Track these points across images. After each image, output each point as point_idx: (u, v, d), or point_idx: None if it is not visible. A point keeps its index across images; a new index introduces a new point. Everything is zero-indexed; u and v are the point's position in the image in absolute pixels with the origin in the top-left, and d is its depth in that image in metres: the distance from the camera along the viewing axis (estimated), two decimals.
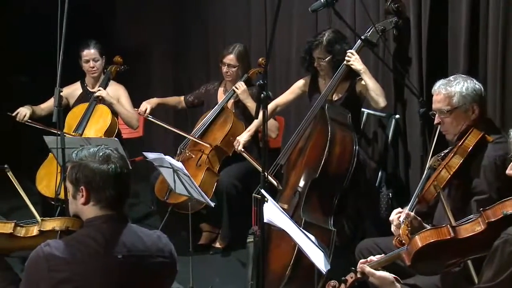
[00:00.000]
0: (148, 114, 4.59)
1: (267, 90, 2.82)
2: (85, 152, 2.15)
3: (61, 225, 2.19)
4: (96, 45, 4.71)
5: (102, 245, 2.08)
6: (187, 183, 3.59)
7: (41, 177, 4.49)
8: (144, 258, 2.16)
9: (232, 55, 4.53)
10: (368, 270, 2.37)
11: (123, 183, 2.18)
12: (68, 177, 2.17)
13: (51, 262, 2.02)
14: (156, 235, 2.25)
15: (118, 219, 2.17)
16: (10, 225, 2.20)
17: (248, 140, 4.17)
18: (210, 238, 4.59)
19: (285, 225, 2.66)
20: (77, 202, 2.15)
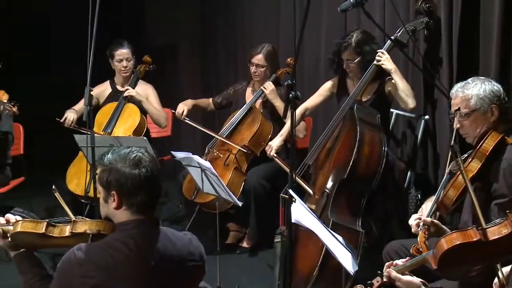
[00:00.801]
0: (185, 116, 4.60)
1: (295, 90, 2.81)
2: (115, 155, 2.12)
3: (93, 228, 2.16)
4: (129, 45, 4.76)
5: (134, 251, 2.07)
6: (215, 183, 3.59)
7: (71, 176, 4.54)
8: (175, 263, 2.15)
9: (261, 55, 4.53)
10: (394, 275, 2.35)
11: (155, 186, 2.15)
12: (98, 180, 2.14)
13: (84, 268, 2.03)
14: (187, 237, 2.23)
15: (150, 223, 2.15)
16: (42, 225, 2.19)
17: (281, 145, 4.13)
18: (237, 237, 4.60)
19: (313, 226, 2.65)
20: (108, 206, 2.13)
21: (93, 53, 3.40)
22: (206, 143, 4.69)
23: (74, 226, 2.18)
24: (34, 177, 4.92)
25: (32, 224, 2.20)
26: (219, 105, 4.86)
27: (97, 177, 2.15)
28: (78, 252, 2.05)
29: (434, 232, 2.62)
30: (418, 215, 2.79)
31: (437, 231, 2.63)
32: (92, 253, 2.05)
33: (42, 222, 2.20)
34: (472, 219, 2.71)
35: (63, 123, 4.51)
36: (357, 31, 3.91)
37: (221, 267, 3.63)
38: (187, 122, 4.59)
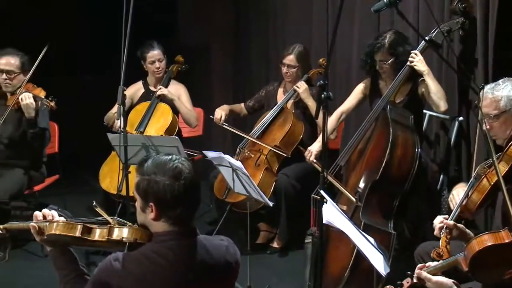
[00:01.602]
0: (224, 121, 4.61)
1: (327, 90, 2.80)
2: (155, 163, 2.07)
3: (130, 237, 2.11)
4: (159, 45, 4.80)
5: (171, 264, 2.04)
6: (246, 183, 3.60)
7: (104, 174, 4.60)
8: (212, 274, 2.12)
9: (292, 55, 4.53)
10: (424, 276, 2.32)
11: (194, 198, 2.11)
12: (136, 188, 2.09)
13: (121, 280, 2.01)
14: (224, 246, 2.18)
15: (188, 234, 2.10)
16: (78, 228, 2.17)
17: (321, 150, 4.06)
18: (268, 237, 4.60)
19: (344, 227, 2.64)
20: (146, 216, 2.09)
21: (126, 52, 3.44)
22: (237, 143, 4.70)
23: (110, 232, 2.15)
24: (68, 175, 4.99)
25: (68, 227, 2.19)
26: (251, 109, 4.86)
27: (135, 184, 2.10)
28: (115, 263, 2.02)
29: (457, 236, 2.58)
30: (442, 217, 2.75)
31: (460, 235, 2.60)
32: (130, 265, 2.02)
33: (77, 224, 2.18)
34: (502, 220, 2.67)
35: (111, 126, 4.56)
36: (390, 31, 3.87)
37: (251, 267, 3.63)
38: (225, 127, 4.60)
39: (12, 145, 4.49)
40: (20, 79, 4.40)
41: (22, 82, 4.37)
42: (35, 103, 4.20)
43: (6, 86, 4.42)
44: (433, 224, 2.75)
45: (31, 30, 6.08)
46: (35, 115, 4.28)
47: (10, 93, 4.42)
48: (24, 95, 4.17)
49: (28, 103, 4.15)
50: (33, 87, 4.39)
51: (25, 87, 4.35)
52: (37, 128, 4.31)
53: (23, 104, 4.17)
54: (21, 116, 4.39)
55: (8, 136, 4.47)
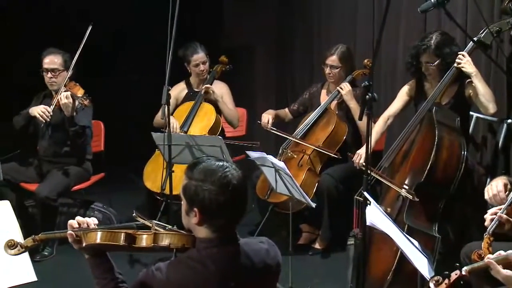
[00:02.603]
0: (271, 126, 4.61)
1: (372, 91, 2.78)
2: (204, 170, 2.05)
3: (177, 243, 2.10)
4: (202, 48, 4.84)
5: (213, 273, 2.04)
6: (289, 183, 3.60)
7: (148, 173, 4.65)
8: (253, 279, 2.12)
9: (335, 56, 4.50)
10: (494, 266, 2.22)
11: (240, 209, 2.10)
12: (183, 191, 2.08)
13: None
14: (264, 250, 2.16)
15: (229, 240, 2.10)
16: (122, 237, 2.13)
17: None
18: (310, 238, 4.59)
19: (388, 229, 2.61)
20: (189, 219, 2.08)
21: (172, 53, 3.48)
22: (279, 143, 4.70)
23: (156, 239, 2.12)
24: (113, 173, 5.06)
25: (108, 236, 2.15)
26: (296, 112, 4.84)
27: (182, 186, 2.09)
28: (157, 273, 2.03)
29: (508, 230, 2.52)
30: (496, 209, 2.69)
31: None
32: (172, 275, 2.02)
33: (119, 233, 2.14)
34: None
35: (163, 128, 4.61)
36: (436, 32, 3.81)
37: (293, 267, 3.63)
38: (273, 131, 4.60)
39: (58, 143, 4.59)
40: (64, 76, 4.50)
41: (65, 80, 4.47)
42: (73, 102, 4.27)
43: (51, 84, 4.52)
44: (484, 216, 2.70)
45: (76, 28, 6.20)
46: (75, 113, 4.35)
47: (55, 91, 4.52)
48: (62, 94, 4.25)
49: (66, 102, 4.23)
50: (74, 85, 4.49)
51: (66, 85, 4.44)
52: (77, 126, 4.39)
53: (62, 103, 4.25)
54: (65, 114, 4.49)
55: (53, 135, 4.57)
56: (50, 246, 4.44)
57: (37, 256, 4.28)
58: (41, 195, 4.31)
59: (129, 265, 4.06)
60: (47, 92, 4.63)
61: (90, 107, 4.41)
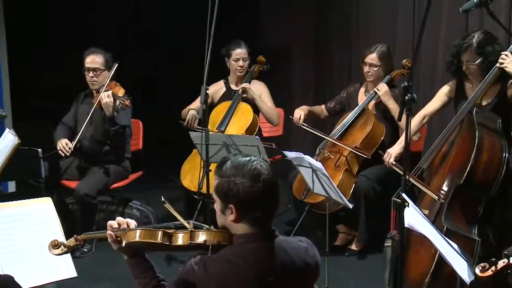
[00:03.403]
0: (303, 121, 4.62)
1: (411, 92, 2.75)
2: (234, 165, 2.08)
3: (213, 240, 2.12)
4: (245, 45, 4.86)
5: (252, 267, 2.05)
6: (326, 184, 3.58)
7: (186, 172, 4.69)
8: (291, 276, 2.12)
9: (374, 54, 4.47)
10: None
11: (274, 200, 2.12)
12: (216, 190, 2.10)
13: (202, 283, 2.02)
14: (303, 247, 2.18)
15: (267, 235, 2.11)
16: (159, 234, 2.16)
17: (400, 152, 3.97)
18: (346, 239, 4.57)
19: (426, 231, 2.58)
20: (225, 218, 2.10)
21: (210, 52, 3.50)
22: (317, 143, 4.68)
23: (193, 237, 2.15)
24: (151, 172, 5.12)
25: (147, 234, 2.17)
26: (332, 111, 4.83)
27: (214, 186, 2.11)
28: (196, 267, 2.04)
29: None
30: None
31: None
32: (211, 269, 2.03)
33: (157, 231, 2.17)
34: None
35: (187, 125, 4.66)
36: (478, 31, 3.74)
37: (329, 268, 3.61)
38: (304, 127, 4.59)
39: (98, 142, 4.66)
40: (105, 75, 4.58)
41: (106, 79, 4.54)
42: (114, 102, 4.32)
43: (93, 84, 4.60)
44: None
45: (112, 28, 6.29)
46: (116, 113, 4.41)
47: (96, 90, 4.59)
48: (104, 94, 4.31)
49: (107, 101, 4.29)
50: (115, 85, 4.55)
51: (108, 85, 4.51)
52: (118, 126, 4.45)
53: (103, 103, 4.31)
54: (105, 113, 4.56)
55: (94, 133, 4.65)
56: (89, 243, 4.51)
57: (77, 252, 4.35)
58: (81, 193, 4.39)
59: (165, 263, 4.10)
60: (88, 91, 4.71)
61: (130, 106, 4.47)
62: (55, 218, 2.70)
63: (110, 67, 4.59)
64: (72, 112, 4.77)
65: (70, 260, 2.64)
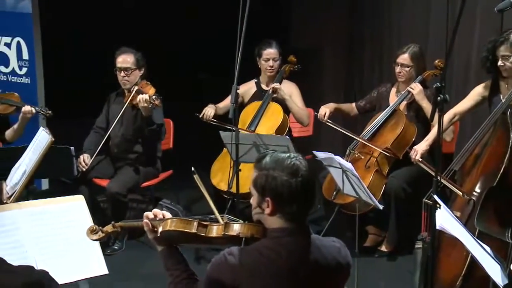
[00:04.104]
0: (327, 118, 4.61)
1: (444, 93, 2.72)
2: (273, 160, 2.10)
3: (246, 232, 2.14)
4: (277, 45, 4.86)
5: (285, 261, 2.06)
6: (356, 184, 3.57)
7: (215, 171, 4.71)
8: (324, 275, 2.13)
9: (406, 54, 4.43)
10: None
11: (310, 196, 2.14)
12: (253, 184, 2.13)
13: (236, 274, 2.04)
14: (336, 247, 2.19)
15: (301, 232, 2.13)
16: (193, 225, 2.19)
17: (427, 149, 3.98)
18: (376, 241, 4.54)
19: (458, 233, 2.55)
20: (261, 211, 2.12)
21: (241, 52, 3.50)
22: (347, 144, 4.66)
23: (227, 228, 2.17)
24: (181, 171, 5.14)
25: (182, 224, 2.21)
26: (362, 109, 4.80)
27: (252, 179, 2.14)
28: (230, 257, 2.06)
29: None
30: None
31: None
32: (245, 260, 2.05)
33: (193, 221, 2.20)
34: None
35: (202, 118, 4.68)
36: None
37: (359, 270, 3.59)
38: (329, 124, 4.58)
39: (129, 141, 4.71)
40: (136, 74, 4.62)
41: (138, 79, 4.58)
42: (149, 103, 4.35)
43: (124, 83, 4.64)
44: None
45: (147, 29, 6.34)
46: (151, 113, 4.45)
47: (128, 90, 4.63)
48: (140, 97, 4.33)
49: (145, 105, 4.32)
50: (146, 84, 4.58)
51: (138, 84, 4.55)
52: (155, 125, 4.48)
53: (141, 106, 4.34)
54: (136, 112, 4.60)
55: (125, 132, 4.69)
56: (120, 241, 4.56)
57: (108, 250, 4.40)
58: (112, 191, 4.43)
59: (195, 263, 4.12)
60: (120, 91, 4.76)
61: (160, 106, 4.49)
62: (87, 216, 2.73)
63: (141, 66, 4.62)
64: (103, 113, 4.82)
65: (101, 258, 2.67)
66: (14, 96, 4.62)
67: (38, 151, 3.44)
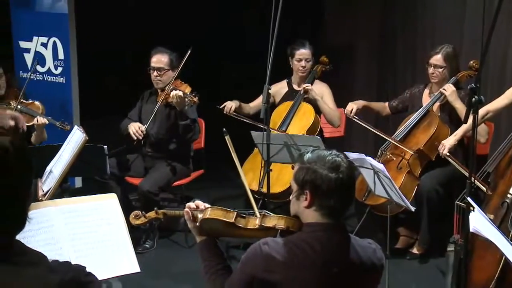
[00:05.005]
0: (354, 114, 4.59)
1: (479, 94, 2.69)
2: (315, 155, 2.14)
3: (282, 224, 2.18)
4: (310, 46, 4.85)
5: (319, 255, 2.08)
6: (387, 185, 3.54)
7: (246, 171, 4.70)
8: (357, 273, 2.14)
9: (439, 55, 4.38)
10: None
11: (348, 193, 2.16)
12: (294, 177, 2.17)
13: (268, 263, 2.06)
14: (372, 248, 2.20)
15: (337, 229, 2.15)
16: (232, 214, 2.26)
17: (454, 144, 3.99)
18: (408, 243, 4.50)
19: (492, 236, 2.51)
20: (299, 204, 2.15)
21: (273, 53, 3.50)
22: (378, 145, 4.63)
23: (263, 220, 2.22)
24: (213, 170, 5.17)
25: (222, 212, 2.28)
26: (395, 109, 4.76)
27: (294, 173, 2.18)
28: (264, 247, 2.09)
29: None
30: None
31: None
32: (278, 250, 2.07)
33: (232, 211, 2.27)
34: None
35: (222, 109, 4.68)
36: None
37: (390, 272, 3.57)
38: (355, 120, 4.56)
39: (162, 140, 4.74)
40: (169, 75, 4.64)
41: (171, 79, 4.61)
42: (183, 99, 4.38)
43: (157, 83, 4.68)
44: None
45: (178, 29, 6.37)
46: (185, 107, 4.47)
47: (160, 89, 4.67)
48: (173, 94, 4.37)
49: (177, 100, 4.35)
50: (181, 83, 4.60)
51: (173, 83, 4.58)
52: (188, 120, 4.51)
53: (175, 101, 4.37)
54: (170, 111, 4.63)
55: (158, 131, 4.73)
56: (151, 239, 4.60)
57: (139, 248, 4.44)
58: (144, 189, 4.47)
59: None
60: (153, 90, 4.79)
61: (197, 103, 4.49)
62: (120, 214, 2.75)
63: (175, 67, 4.65)
64: (137, 108, 4.86)
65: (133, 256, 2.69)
66: (35, 106, 4.59)
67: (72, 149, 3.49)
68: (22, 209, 1.54)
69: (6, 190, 1.48)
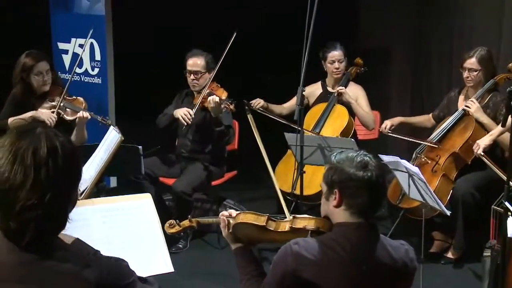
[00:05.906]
0: (388, 130, 4.56)
1: None
2: (343, 155, 2.16)
3: (312, 225, 2.21)
4: (341, 47, 4.83)
5: (348, 253, 2.08)
6: (422, 189, 3.51)
7: (279, 173, 4.71)
8: (388, 272, 2.13)
9: (473, 58, 4.33)
10: None
11: (378, 192, 2.16)
12: (323, 178, 2.19)
13: (299, 261, 2.07)
14: (404, 248, 2.19)
15: (368, 228, 2.15)
16: (263, 218, 2.29)
17: (490, 144, 3.92)
18: (442, 247, 4.45)
19: None
20: (329, 204, 2.17)
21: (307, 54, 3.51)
22: (412, 148, 4.58)
23: (294, 222, 2.25)
24: (246, 172, 5.18)
25: (253, 216, 2.32)
26: (437, 118, 4.69)
27: (324, 174, 2.19)
28: (294, 246, 2.10)
29: None
30: None
31: None
32: (308, 249, 2.09)
33: (263, 215, 2.30)
34: None
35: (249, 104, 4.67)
36: None
37: (424, 276, 3.53)
38: (391, 135, 4.56)
39: (197, 141, 4.77)
40: (205, 77, 4.65)
41: (207, 81, 4.62)
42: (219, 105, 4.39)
43: (193, 86, 4.69)
44: None
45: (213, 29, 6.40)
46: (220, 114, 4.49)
47: (197, 92, 4.69)
48: (210, 99, 4.38)
49: (214, 106, 4.37)
50: (217, 87, 4.60)
51: (209, 86, 4.59)
52: (222, 126, 4.53)
53: (210, 107, 4.39)
54: (206, 114, 4.65)
55: (193, 132, 4.76)
56: (184, 239, 4.63)
57: (172, 248, 4.47)
58: (177, 190, 4.50)
59: None
60: (189, 91, 4.81)
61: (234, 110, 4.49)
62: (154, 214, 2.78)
63: (211, 69, 4.65)
64: (173, 105, 4.84)
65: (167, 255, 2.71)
66: (78, 101, 4.62)
67: (108, 149, 3.54)
68: (66, 210, 1.57)
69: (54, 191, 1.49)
